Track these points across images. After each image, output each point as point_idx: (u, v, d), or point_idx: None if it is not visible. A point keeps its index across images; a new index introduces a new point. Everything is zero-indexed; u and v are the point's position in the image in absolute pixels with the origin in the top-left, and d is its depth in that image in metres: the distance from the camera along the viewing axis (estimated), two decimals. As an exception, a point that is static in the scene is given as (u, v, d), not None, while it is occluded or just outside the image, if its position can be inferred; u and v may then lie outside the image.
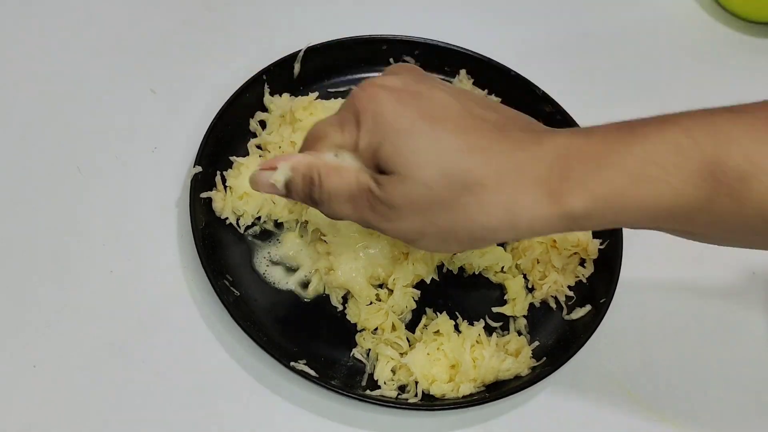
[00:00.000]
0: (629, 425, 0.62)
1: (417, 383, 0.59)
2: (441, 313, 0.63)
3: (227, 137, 0.67)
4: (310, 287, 0.63)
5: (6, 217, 0.64)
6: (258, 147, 0.68)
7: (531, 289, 0.66)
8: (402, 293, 0.62)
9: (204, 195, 0.64)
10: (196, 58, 0.75)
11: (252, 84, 0.68)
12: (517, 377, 0.60)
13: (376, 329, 0.62)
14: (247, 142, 0.68)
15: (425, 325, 0.63)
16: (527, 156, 0.44)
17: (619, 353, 0.65)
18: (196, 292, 0.63)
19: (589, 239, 0.66)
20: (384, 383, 0.60)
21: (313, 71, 0.72)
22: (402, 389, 0.60)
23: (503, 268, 0.65)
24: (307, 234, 0.64)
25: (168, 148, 0.69)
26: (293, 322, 0.62)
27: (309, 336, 0.62)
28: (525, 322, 0.64)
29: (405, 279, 0.63)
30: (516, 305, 0.64)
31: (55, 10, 0.75)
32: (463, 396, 0.59)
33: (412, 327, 0.63)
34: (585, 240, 0.66)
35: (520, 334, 0.64)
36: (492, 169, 0.44)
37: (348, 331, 0.62)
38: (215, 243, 0.63)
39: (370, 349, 0.61)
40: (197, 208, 0.63)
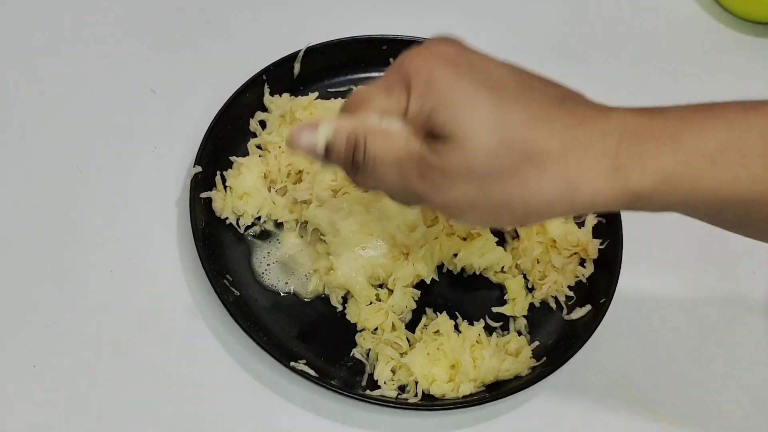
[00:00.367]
0: (629, 425, 0.62)
1: (417, 383, 0.59)
2: (441, 313, 0.63)
3: (227, 137, 0.67)
4: (309, 287, 0.63)
5: (6, 217, 0.64)
6: (258, 147, 0.68)
7: (531, 289, 0.66)
8: (402, 293, 0.62)
9: (204, 195, 0.64)
10: (196, 58, 0.75)
11: (252, 84, 0.68)
12: (517, 377, 0.60)
13: (376, 329, 0.62)
14: (247, 142, 0.68)
15: (425, 325, 0.63)
16: (593, 130, 0.42)
17: (619, 353, 0.65)
18: (196, 292, 0.63)
19: (589, 239, 0.66)
20: (384, 383, 0.60)
21: (313, 71, 0.72)
22: (402, 389, 0.60)
23: (503, 268, 0.65)
24: (307, 234, 0.64)
25: (168, 148, 0.69)
26: (293, 322, 0.62)
27: (309, 336, 0.62)
28: (525, 322, 0.64)
29: (405, 279, 0.63)
30: (516, 305, 0.64)
31: (55, 10, 0.75)
32: (463, 396, 0.59)
33: (412, 327, 0.63)
34: (585, 240, 0.66)
35: (520, 334, 0.64)
36: (556, 141, 0.42)
37: (348, 331, 0.62)
38: (215, 243, 0.63)
39: (370, 349, 0.61)
40: (197, 208, 0.63)
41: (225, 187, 0.65)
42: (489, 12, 0.83)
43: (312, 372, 0.58)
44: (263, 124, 0.69)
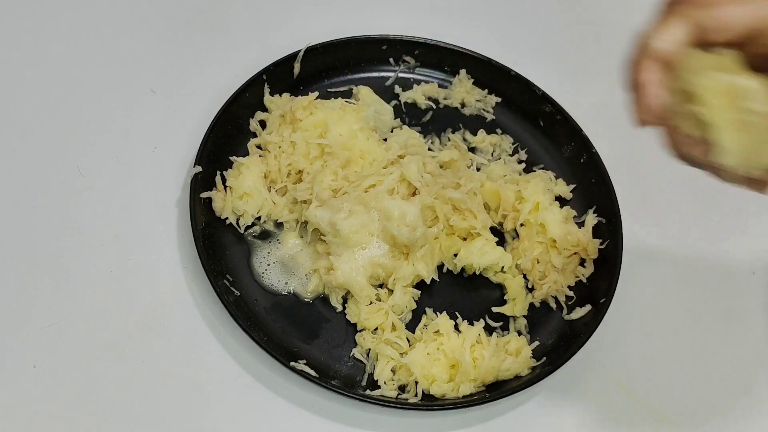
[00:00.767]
0: (629, 425, 0.62)
1: (417, 383, 0.59)
2: (441, 313, 0.63)
3: (227, 137, 0.67)
4: (309, 287, 0.63)
5: (6, 217, 0.64)
6: (258, 147, 0.68)
7: (531, 289, 0.66)
8: (402, 293, 0.62)
9: (204, 195, 0.64)
10: (196, 58, 0.75)
11: (252, 84, 0.68)
12: (517, 377, 0.60)
13: (376, 329, 0.62)
14: (247, 142, 0.68)
15: (425, 325, 0.63)
16: None
17: (619, 353, 0.65)
18: (196, 292, 0.63)
19: (589, 239, 0.66)
20: (384, 383, 0.60)
21: (313, 71, 0.72)
22: (402, 389, 0.60)
23: (503, 268, 0.65)
24: (307, 234, 0.64)
25: (168, 148, 0.69)
26: (293, 322, 0.62)
27: (309, 336, 0.62)
28: (525, 322, 0.64)
29: (405, 279, 0.63)
30: (516, 305, 0.64)
31: (55, 10, 0.75)
32: (463, 396, 0.59)
33: (412, 327, 0.63)
34: (585, 240, 0.66)
35: (520, 334, 0.64)
36: None
37: (348, 331, 0.62)
38: (215, 243, 0.63)
39: (370, 349, 0.61)
40: (197, 208, 0.63)
41: (225, 187, 0.65)
42: (489, 12, 0.83)
43: (312, 372, 0.58)
44: (263, 124, 0.69)
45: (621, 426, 0.62)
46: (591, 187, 0.70)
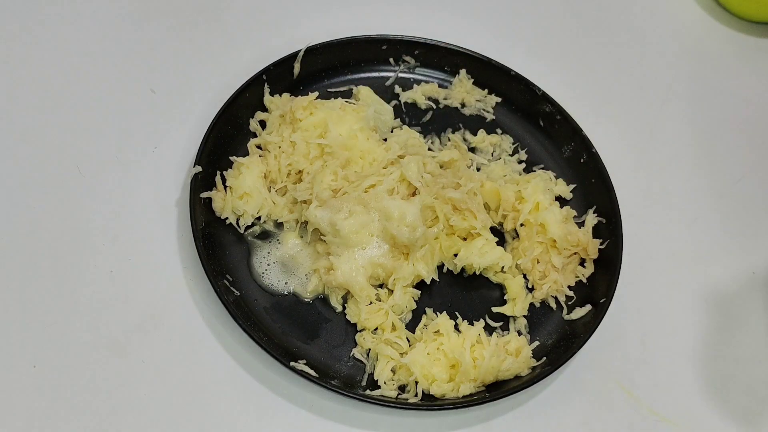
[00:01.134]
0: (629, 425, 0.63)
1: (417, 383, 0.59)
2: (441, 313, 0.63)
3: (227, 137, 0.67)
4: (309, 287, 0.63)
5: (6, 217, 0.64)
6: (258, 147, 0.68)
7: (531, 289, 0.66)
8: (402, 293, 0.62)
9: (204, 195, 0.64)
10: (196, 58, 0.75)
11: (252, 84, 0.68)
12: (517, 377, 0.60)
13: (376, 329, 0.62)
14: (247, 142, 0.68)
15: (425, 325, 0.63)
16: None
17: (619, 353, 0.65)
18: (196, 292, 0.63)
19: (589, 239, 0.66)
20: (384, 383, 0.60)
21: (313, 71, 0.72)
22: (402, 389, 0.60)
23: (503, 268, 0.65)
24: (307, 234, 0.64)
25: (168, 148, 0.69)
26: (293, 322, 0.62)
27: (309, 336, 0.62)
28: (525, 322, 0.64)
29: (405, 279, 0.63)
30: (516, 305, 0.64)
31: (55, 10, 0.75)
32: (463, 396, 0.59)
33: (412, 327, 0.63)
34: (585, 240, 0.66)
35: (520, 334, 0.64)
36: None
37: (348, 331, 0.62)
38: (215, 243, 0.63)
39: (370, 349, 0.61)
40: (197, 208, 0.63)
41: (225, 187, 0.65)
42: (489, 12, 0.83)
43: (312, 372, 0.58)
44: (263, 124, 0.69)
45: (621, 426, 0.62)
46: (591, 187, 0.70)
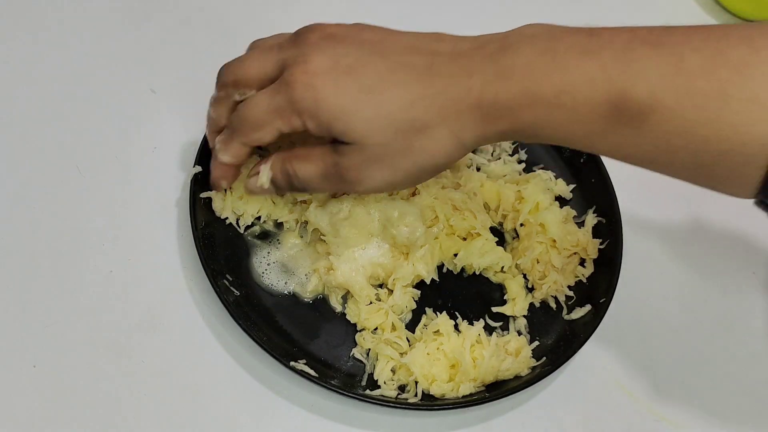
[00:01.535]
0: (629, 425, 0.63)
1: (417, 383, 0.59)
2: (441, 313, 0.63)
3: (227, 137, 0.67)
4: (309, 287, 0.63)
5: (6, 217, 0.64)
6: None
7: (531, 289, 0.66)
8: (402, 293, 0.62)
9: (204, 195, 0.64)
10: (196, 58, 0.75)
11: (252, 84, 0.68)
12: (517, 377, 0.60)
13: (376, 329, 0.62)
14: (247, 142, 0.68)
15: (425, 325, 0.63)
16: (460, 90, 0.50)
17: (619, 353, 0.65)
18: (196, 292, 0.63)
19: (589, 239, 0.66)
20: (384, 383, 0.60)
21: (313, 71, 0.72)
22: (402, 389, 0.60)
23: (503, 267, 0.65)
24: (307, 234, 0.64)
25: (168, 148, 0.69)
26: (293, 322, 0.62)
27: (309, 336, 0.62)
28: (525, 322, 0.64)
29: (405, 279, 0.63)
30: (516, 305, 0.64)
31: (55, 10, 0.75)
32: (463, 396, 0.59)
33: (412, 327, 0.63)
34: (585, 240, 0.66)
35: (520, 334, 0.64)
36: (434, 111, 0.50)
37: (348, 331, 0.62)
38: (215, 243, 0.63)
39: (370, 349, 0.61)
40: (197, 208, 0.63)
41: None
42: (489, 12, 0.83)
43: (312, 372, 0.58)
44: (263, 124, 0.69)
45: (621, 426, 0.62)
46: (591, 187, 0.70)
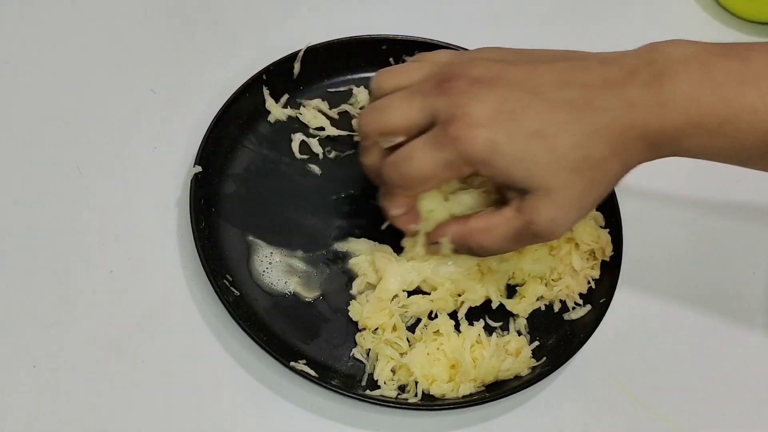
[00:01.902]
0: (629, 425, 0.63)
1: (417, 383, 0.59)
2: (441, 313, 0.63)
3: (227, 137, 0.67)
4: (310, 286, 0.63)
5: (6, 217, 0.64)
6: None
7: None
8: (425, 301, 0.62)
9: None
10: (195, 58, 0.75)
11: (252, 84, 0.68)
12: (517, 377, 0.60)
13: (376, 329, 0.62)
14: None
15: (425, 325, 0.63)
16: (624, 123, 0.51)
17: (619, 353, 0.65)
18: (196, 292, 0.63)
19: (607, 240, 0.64)
20: (384, 383, 0.60)
21: (313, 71, 0.72)
22: (402, 389, 0.60)
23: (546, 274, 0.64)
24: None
25: (168, 148, 0.69)
26: (293, 322, 0.62)
27: (309, 336, 0.62)
28: (525, 322, 0.64)
29: (475, 301, 0.62)
30: (521, 303, 0.63)
31: (55, 10, 0.75)
32: (463, 396, 0.59)
33: (412, 327, 0.62)
34: (605, 239, 0.64)
35: (520, 334, 0.64)
36: (603, 145, 0.51)
37: (348, 331, 0.62)
38: (215, 243, 0.63)
39: (370, 349, 0.61)
40: (197, 208, 0.63)
41: (225, 187, 0.65)
42: (489, 11, 0.83)
43: (312, 372, 0.58)
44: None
45: (621, 426, 0.62)
46: (591, 187, 0.70)
